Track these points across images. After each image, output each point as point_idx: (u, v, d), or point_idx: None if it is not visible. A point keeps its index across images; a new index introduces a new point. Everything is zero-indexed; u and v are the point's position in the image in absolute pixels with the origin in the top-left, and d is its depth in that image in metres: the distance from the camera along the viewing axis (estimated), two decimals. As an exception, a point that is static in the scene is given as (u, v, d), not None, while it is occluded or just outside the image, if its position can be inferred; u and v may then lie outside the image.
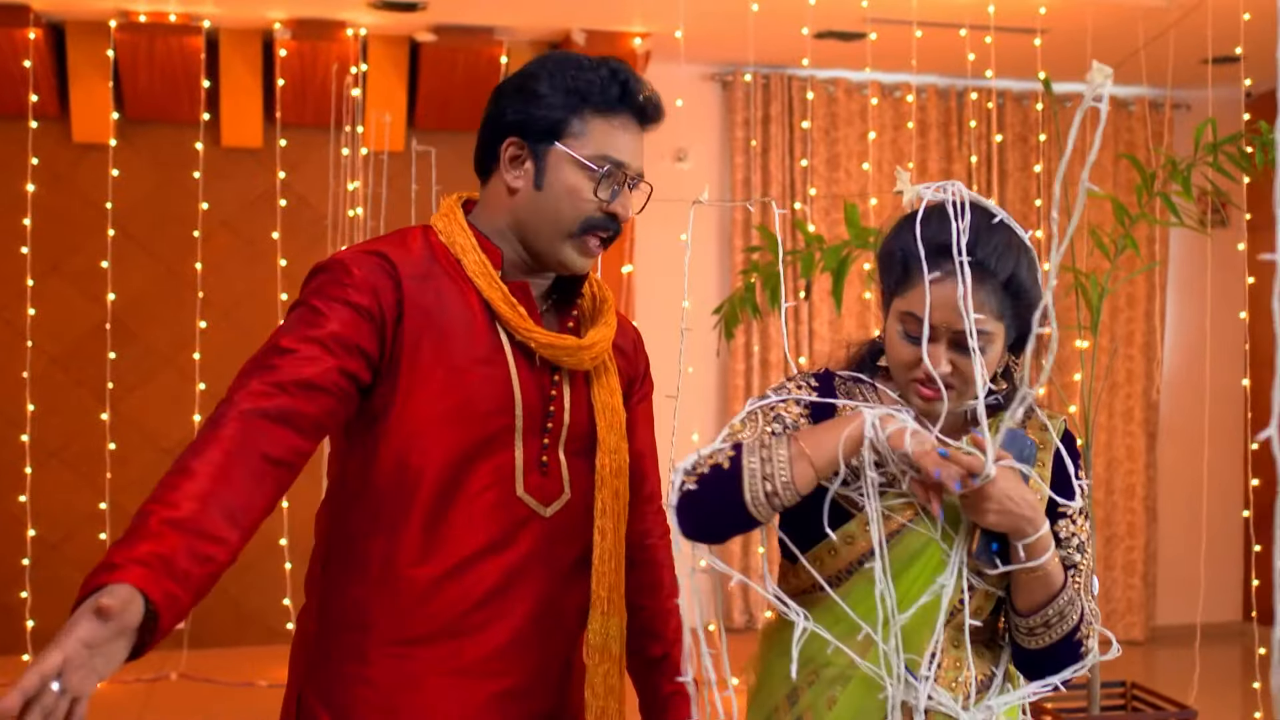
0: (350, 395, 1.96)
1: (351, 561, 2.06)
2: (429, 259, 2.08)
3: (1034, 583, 1.84)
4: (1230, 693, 6.59)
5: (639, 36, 6.79)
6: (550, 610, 2.12)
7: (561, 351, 2.10)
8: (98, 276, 6.68)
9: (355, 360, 1.95)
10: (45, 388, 6.82)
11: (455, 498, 2.03)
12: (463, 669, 2.05)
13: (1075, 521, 1.97)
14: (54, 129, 6.77)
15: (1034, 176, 7.64)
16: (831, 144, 7.56)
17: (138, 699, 6.10)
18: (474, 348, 2.05)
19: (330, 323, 1.94)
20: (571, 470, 2.14)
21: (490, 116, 2.13)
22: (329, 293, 1.97)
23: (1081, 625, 1.88)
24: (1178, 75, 6.64)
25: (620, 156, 2.08)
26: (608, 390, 2.20)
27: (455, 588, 2.03)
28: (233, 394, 1.86)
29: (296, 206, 6.92)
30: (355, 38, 6.65)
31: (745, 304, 4.96)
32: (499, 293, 2.06)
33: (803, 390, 2.04)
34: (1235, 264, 7.09)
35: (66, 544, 6.79)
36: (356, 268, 1.99)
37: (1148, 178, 4.16)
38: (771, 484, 1.82)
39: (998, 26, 6.26)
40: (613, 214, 2.09)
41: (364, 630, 2.04)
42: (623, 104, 2.09)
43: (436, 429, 2.02)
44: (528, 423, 2.08)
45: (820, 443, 1.83)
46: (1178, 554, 7.81)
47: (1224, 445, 7.65)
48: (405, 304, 2.01)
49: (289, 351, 1.90)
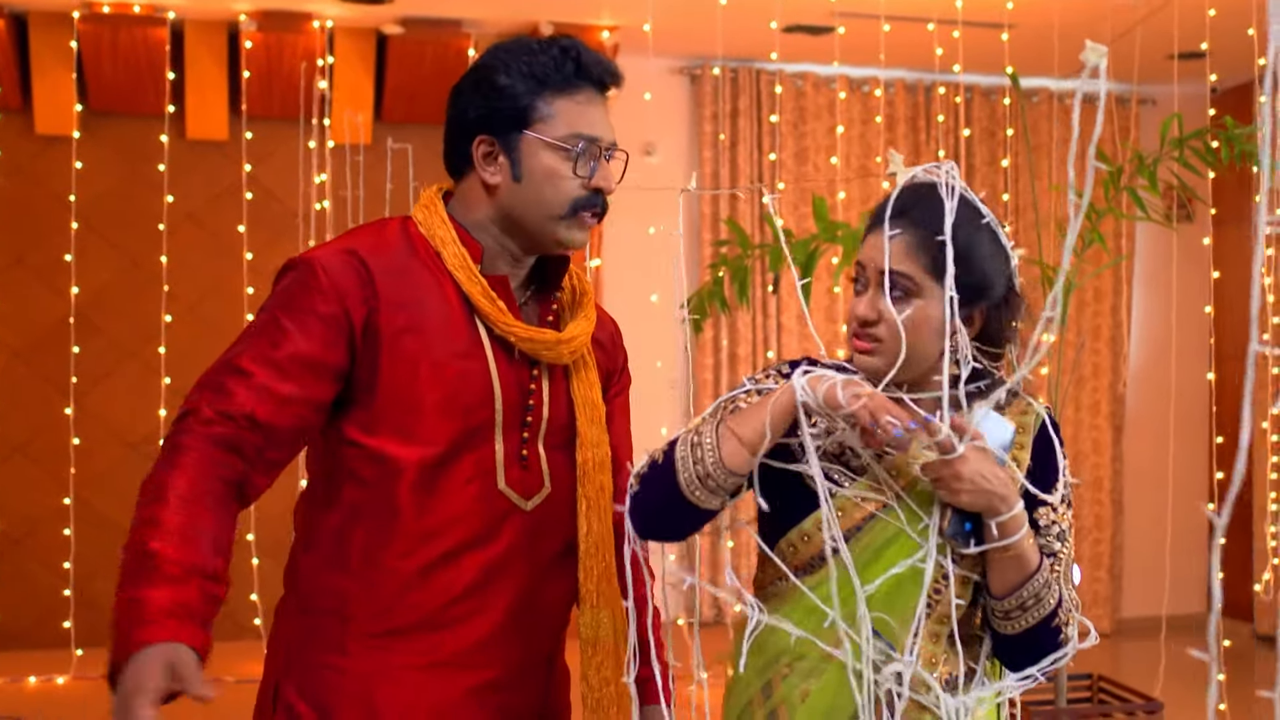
0: (309, 418, 1.99)
1: (333, 553, 2.06)
2: (407, 251, 2.07)
3: (1008, 563, 1.84)
4: (1196, 685, 6.63)
5: (607, 29, 6.78)
6: (531, 604, 2.12)
7: (541, 345, 2.09)
8: (61, 270, 6.63)
9: (315, 382, 1.97)
10: (8, 382, 6.76)
11: (437, 491, 2.03)
12: (442, 662, 2.05)
13: (1056, 509, 1.96)
14: (16, 121, 6.71)
15: (1001, 171, 7.66)
16: (800, 138, 7.57)
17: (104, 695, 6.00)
18: (453, 342, 2.05)
19: (292, 341, 1.95)
20: (551, 464, 2.14)
21: (454, 117, 2.13)
22: (296, 303, 1.98)
23: (1059, 611, 1.87)
24: (1144, 71, 6.67)
25: (591, 131, 2.08)
26: (587, 384, 2.20)
27: (436, 580, 2.03)
28: (188, 415, 1.92)
29: (263, 200, 6.87)
30: (322, 30, 6.62)
31: (713, 298, 4.95)
32: (478, 286, 2.06)
33: (770, 379, 2.02)
34: (1200, 259, 7.14)
35: (30, 539, 6.74)
36: (326, 271, 1.99)
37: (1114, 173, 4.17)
38: (702, 466, 1.84)
39: (965, 21, 6.27)
40: (597, 189, 2.09)
41: (344, 621, 2.05)
42: (580, 78, 2.09)
43: (417, 423, 2.02)
44: (507, 417, 2.08)
45: (747, 418, 1.85)
46: (1143, 547, 7.86)
47: (1189, 439, 7.69)
48: (380, 300, 2.00)
49: (246, 375, 1.93)
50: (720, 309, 5.00)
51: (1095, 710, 4.46)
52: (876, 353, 1.90)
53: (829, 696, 1.89)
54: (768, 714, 1.94)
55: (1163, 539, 6.72)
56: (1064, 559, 1.94)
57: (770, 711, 1.94)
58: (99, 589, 6.68)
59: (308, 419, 1.98)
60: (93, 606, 6.67)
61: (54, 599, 6.61)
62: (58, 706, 5.87)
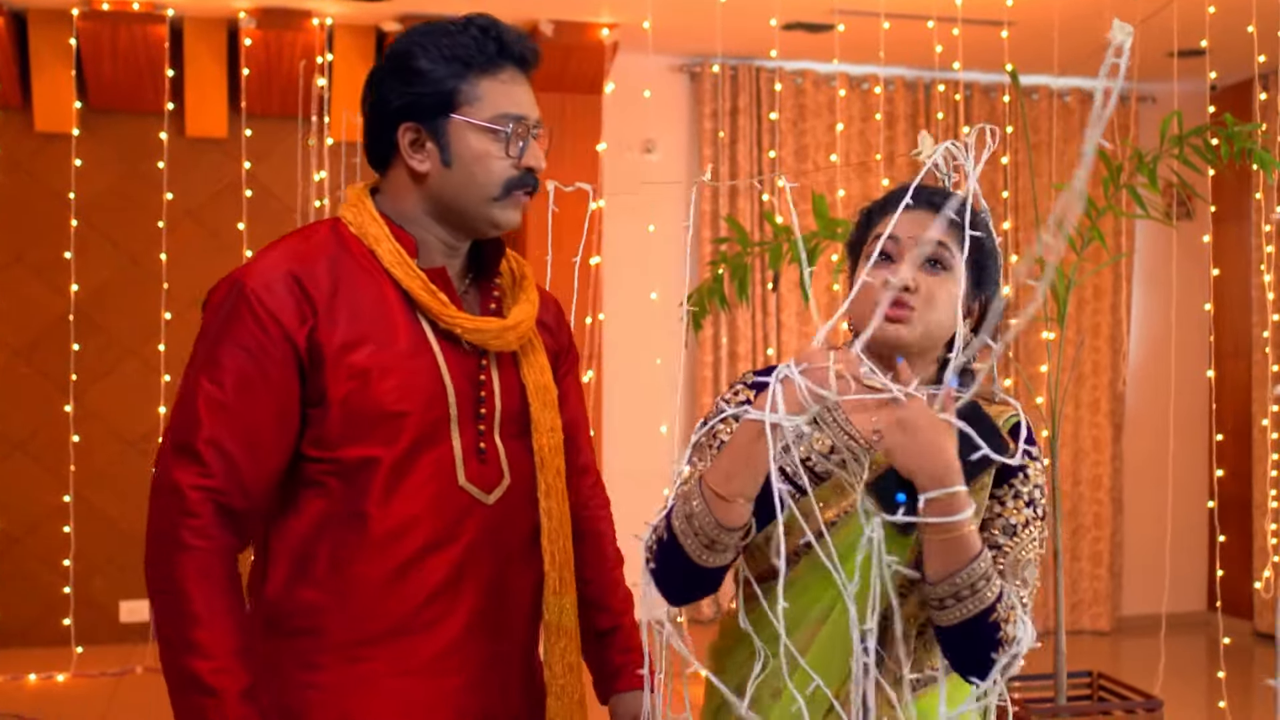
0: (282, 452, 1.98)
1: (298, 567, 2.02)
2: (340, 256, 2.03)
3: (942, 547, 1.76)
4: (1196, 682, 6.64)
5: (607, 27, 6.77)
6: (501, 597, 2.10)
7: (488, 334, 2.07)
8: (61, 267, 6.63)
9: (275, 417, 1.95)
10: (8, 380, 6.76)
11: (399, 494, 2.00)
12: (418, 668, 2.03)
13: (1005, 503, 1.92)
14: (16, 118, 6.71)
15: (1001, 168, 7.66)
16: (799, 135, 7.57)
17: (104, 692, 6.06)
18: (398, 343, 2.01)
19: (233, 374, 1.93)
20: (509, 454, 2.12)
21: (375, 106, 2.08)
22: (237, 334, 1.94)
23: (999, 606, 1.78)
24: (1143, 68, 6.66)
25: (518, 110, 2.06)
26: (537, 368, 2.17)
27: (405, 584, 2.01)
28: (174, 495, 1.91)
29: (262, 197, 6.87)
30: (321, 27, 6.61)
31: (713, 295, 4.95)
32: (418, 281, 2.03)
33: (739, 396, 2.05)
34: (1200, 256, 7.13)
35: (30, 537, 6.74)
36: (260, 298, 1.95)
37: (1114, 170, 4.17)
38: (705, 536, 1.83)
39: (965, 19, 6.27)
40: (528, 167, 2.07)
41: (316, 636, 2.01)
42: (503, 57, 2.06)
43: (374, 430, 1.99)
44: (462, 411, 2.06)
45: (728, 474, 1.81)
46: (1143, 544, 7.85)
47: (1189, 436, 7.70)
48: (318, 318, 1.97)
49: (212, 438, 1.91)
50: (720, 306, 5.00)
51: (1095, 708, 4.46)
52: (907, 321, 1.91)
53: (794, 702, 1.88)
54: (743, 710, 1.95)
55: (1163, 536, 6.72)
56: (1010, 555, 1.89)
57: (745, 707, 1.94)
58: (99, 587, 6.68)
59: (275, 456, 1.97)
60: (93, 604, 6.68)
61: (54, 596, 6.61)
62: (57, 704, 5.88)
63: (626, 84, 7.01)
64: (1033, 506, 1.93)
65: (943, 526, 1.74)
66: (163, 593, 1.91)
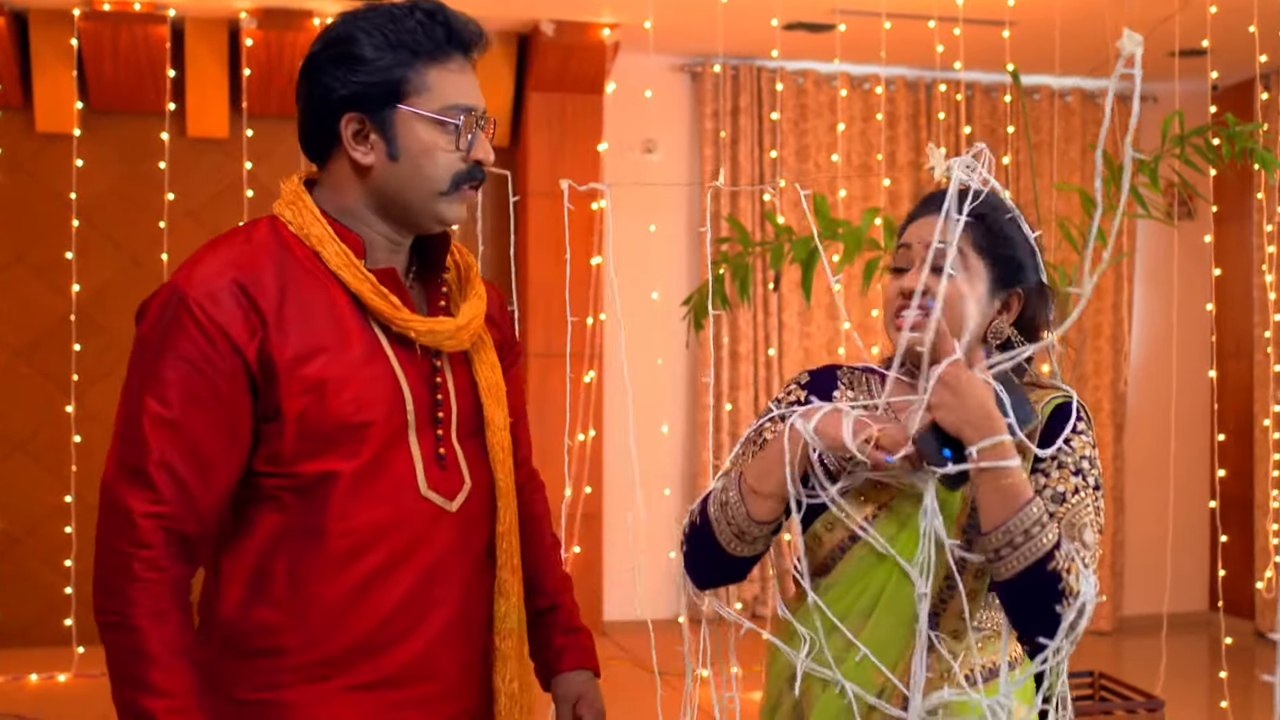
0: (234, 470, 1.87)
1: (254, 586, 1.92)
2: (285, 260, 1.91)
3: (994, 495, 1.80)
4: (1197, 682, 6.63)
5: (608, 27, 6.77)
6: (467, 606, 2.03)
7: (442, 335, 1.97)
8: (62, 268, 6.63)
9: (226, 436, 1.85)
10: (9, 380, 6.76)
11: (360, 507, 1.91)
12: (385, 680, 1.94)
13: (1049, 474, 1.94)
14: (17, 119, 6.71)
15: (1002, 169, 7.65)
16: (800, 135, 7.56)
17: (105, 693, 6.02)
18: (350, 350, 1.91)
19: (178, 390, 1.82)
20: (468, 456, 2.04)
21: (314, 95, 1.96)
22: (180, 347, 1.82)
23: (1057, 554, 1.80)
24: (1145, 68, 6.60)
25: (467, 100, 1.95)
26: (489, 365, 2.09)
27: (369, 600, 1.92)
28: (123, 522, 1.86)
29: (263, 198, 6.86)
30: (322, 27, 6.60)
31: (715, 296, 4.95)
32: (367, 284, 1.92)
33: (791, 396, 2.10)
34: (1201, 256, 7.13)
35: (31, 537, 6.74)
36: (203, 308, 1.83)
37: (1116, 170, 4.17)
38: (735, 525, 1.96)
39: (966, 19, 6.26)
40: (477, 161, 1.97)
41: (276, 656, 1.92)
42: (451, 44, 1.94)
43: (332, 443, 1.89)
44: (420, 417, 1.96)
45: (764, 474, 1.94)
46: (1145, 544, 7.85)
47: (1190, 437, 7.69)
48: (267, 328, 1.86)
49: (162, 467, 1.82)
50: (722, 306, 5.00)
51: (1096, 708, 4.45)
52: (926, 327, 1.91)
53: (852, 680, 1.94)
54: (794, 703, 2.01)
55: (1164, 536, 6.71)
56: (1063, 518, 1.91)
57: (795, 702, 2.01)
58: (100, 587, 6.68)
59: (227, 475, 1.87)
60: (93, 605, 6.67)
61: (55, 597, 6.61)
62: (58, 704, 5.87)
63: (627, 84, 7.01)
64: (1081, 475, 1.95)
65: (994, 474, 1.79)
66: (115, 627, 1.85)
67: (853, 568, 1.96)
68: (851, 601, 1.96)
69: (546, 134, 7.03)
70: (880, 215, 4.53)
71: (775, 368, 7.43)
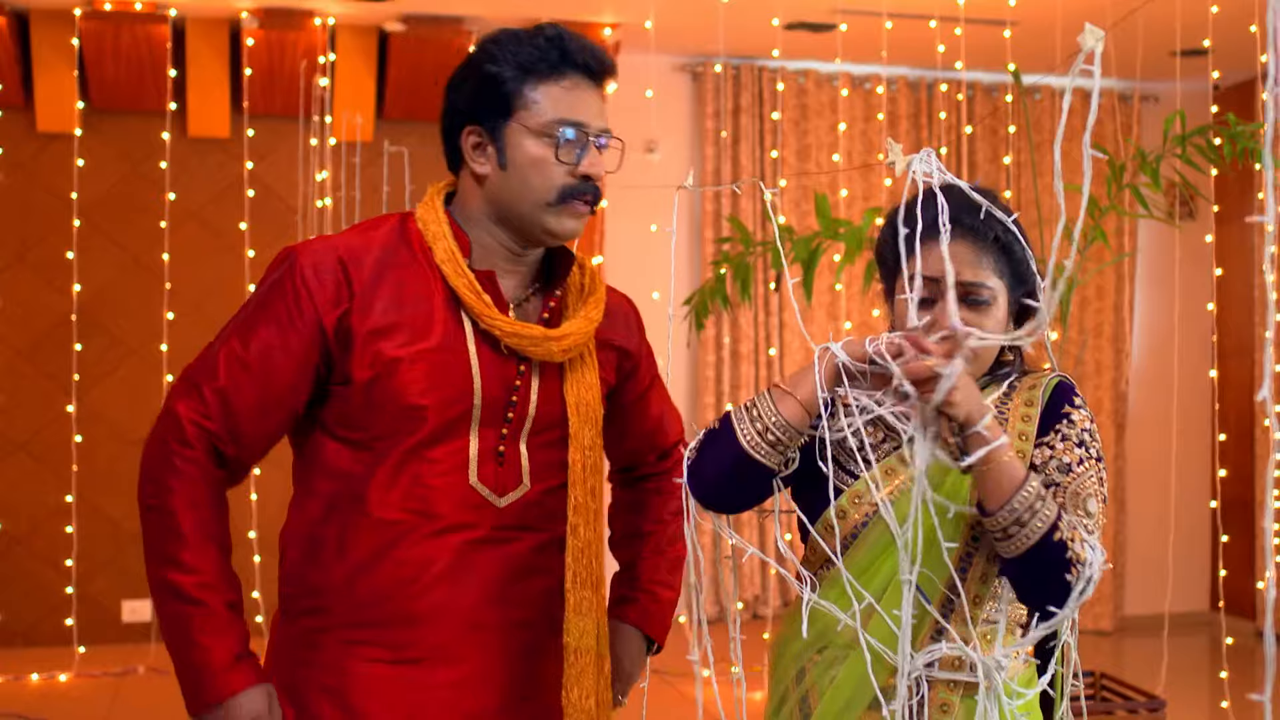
0: (278, 417, 2.06)
1: (309, 550, 2.08)
2: (396, 248, 2.08)
3: (994, 475, 1.82)
4: (1198, 682, 6.63)
5: (609, 27, 6.77)
6: (507, 601, 2.10)
7: (527, 341, 2.08)
8: (63, 267, 6.63)
9: (283, 384, 2.03)
10: (11, 380, 6.76)
11: (410, 483, 2.04)
12: (411, 658, 2.05)
13: (1054, 447, 1.98)
14: (18, 118, 6.71)
15: (1003, 168, 7.66)
16: (802, 135, 7.56)
17: (106, 692, 6.06)
18: (432, 336, 2.05)
19: (261, 342, 2.02)
20: (534, 462, 2.13)
21: (445, 111, 2.14)
22: (272, 304, 2.04)
23: (1061, 525, 1.83)
24: (1146, 67, 6.66)
25: (575, 116, 2.07)
26: (584, 385, 2.18)
27: (408, 573, 2.04)
28: (172, 423, 2.02)
29: (265, 197, 6.87)
30: (324, 27, 6.61)
31: (715, 295, 4.95)
32: (464, 280, 2.06)
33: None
34: (1203, 256, 7.13)
35: (33, 537, 6.74)
36: (304, 276, 2.03)
37: (1116, 169, 4.17)
38: (761, 423, 1.93)
39: (968, 18, 6.26)
40: (585, 176, 2.07)
41: (317, 615, 2.07)
42: (566, 64, 2.08)
43: (393, 418, 2.03)
44: (486, 412, 2.07)
45: (799, 380, 1.93)
46: (1146, 544, 7.85)
47: (1192, 436, 7.69)
48: (355, 301, 2.03)
49: (217, 381, 2.01)
50: (722, 306, 5.00)
51: (1098, 707, 4.45)
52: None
53: (853, 681, 1.96)
54: (800, 698, 2.02)
55: (1165, 536, 6.71)
56: (1069, 487, 1.95)
57: (802, 696, 2.01)
58: (101, 587, 6.68)
59: (276, 418, 2.05)
60: (95, 604, 6.68)
61: (56, 596, 6.61)
62: (60, 704, 5.87)
63: (628, 84, 7.00)
64: (1084, 447, 1.99)
65: (991, 455, 1.81)
66: (152, 509, 2.01)
67: (864, 553, 1.97)
68: (865, 584, 1.96)
69: (547, 134, 7.02)
70: (881, 215, 4.53)
71: (776, 367, 7.43)
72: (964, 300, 1.95)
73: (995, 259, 1.98)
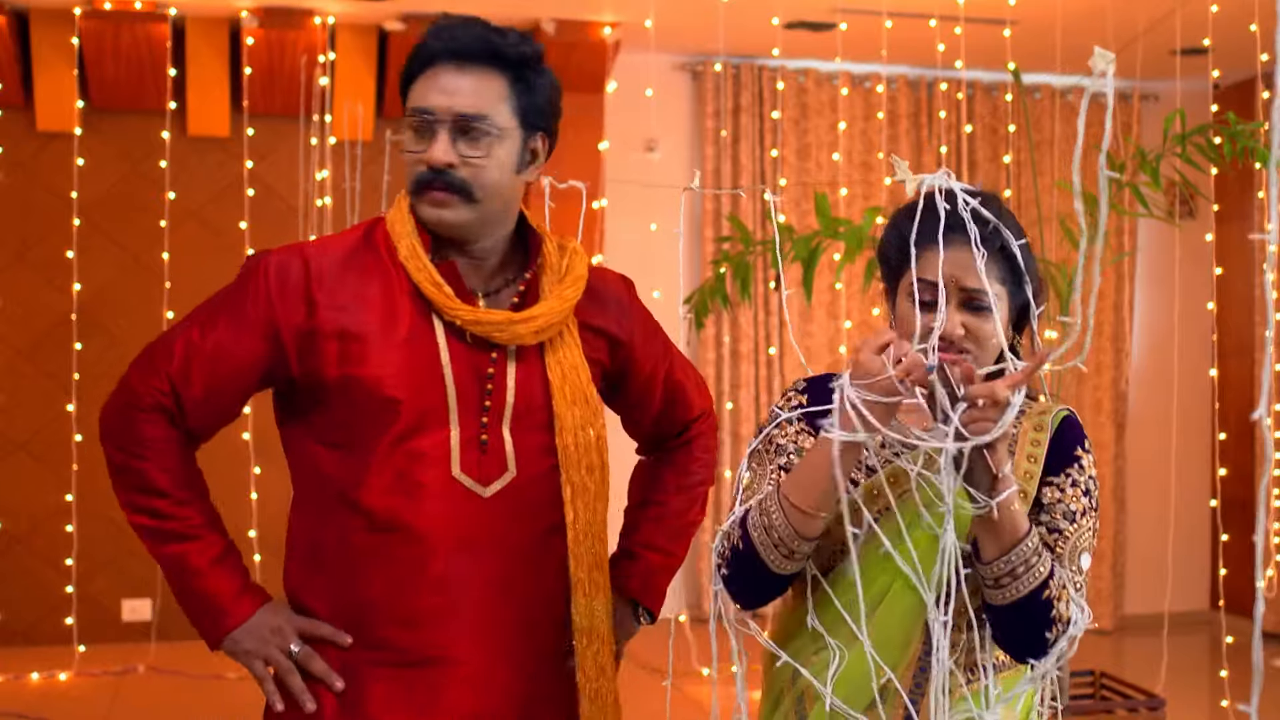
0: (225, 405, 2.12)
1: (308, 555, 2.10)
2: (361, 250, 2.11)
3: (997, 526, 1.81)
4: (1198, 681, 6.63)
5: (609, 26, 6.77)
6: (509, 592, 2.09)
7: (491, 327, 2.07)
8: (63, 267, 6.63)
9: (231, 377, 2.08)
10: (11, 379, 6.76)
11: (396, 482, 2.04)
12: (419, 660, 2.05)
13: (1063, 490, 1.98)
14: (18, 118, 6.70)
15: (1003, 167, 7.66)
16: (802, 134, 7.56)
17: (106, 691, 6.06)
18: (398, 332, 2.05)
19: (217, 336, 2.07)
20: (520, 448, 2.10)
21: None
22: (233, 301, 2.09)
23: (1051, 583, 1.84)
24: (1146, 67, 6.66)
25: (424, 104, 2.06)
26: (567, 365, 2.14)
27: (403, 574, 2.03)
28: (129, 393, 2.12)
29: (265, 196, 6.87)
30: (323, 26, 6.61)
31: (715, 294, 4.95)
32: (425, 274, 2.06)
33: (791, 403, 2.08)
34: (1203, 255, 7.13)
35: (33, 536, 6.74)
36: (268, 277, 2.07)
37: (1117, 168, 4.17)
38: (785, 547, 1.89)
39: (968, 18, 6.26)
40: (428, 163, 2.05)
41: (317, 618, 2.09)
42: (428, 52, 2.09)
43: (369, 416, 2.04)
44: (462, 401, 2.06)
45: (805, 488, 1.86)
46: (1146, 543, 7.85)
47: (1192, 435, 7.69)
48: (319, 303, 2.05)
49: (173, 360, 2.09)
50: (722, 305, 5.00)
51: (1098, 706, 4.46)
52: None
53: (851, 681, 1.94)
54: (796, 698, 2.01)
55: (1165, 535, 6.72)
56: (1071, 538, 1.95)
57: (798, 696, 2.00)
58: (101, 586, 6.68)
59: (219, 406, 2.12)
60: (95, 603, 6.68)
61: (56, 596, 6.61)
62: (59, 703, 5.87)
63: (628, 83, 7.01)
64: (1089, 496, 1.99)
65: (1001, 504, 1.80)
66: (123, 470, 2.12)
67: (863, 563, 1.94)
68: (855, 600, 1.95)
69: (548, 133, 7.02)
70: (881, 214, 4.53)
71: (776, 367, 7.43)
72: (966, 306, 1.93)
73: (998, 264, 1.96)
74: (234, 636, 2.08)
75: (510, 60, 2.10)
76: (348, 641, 2.05)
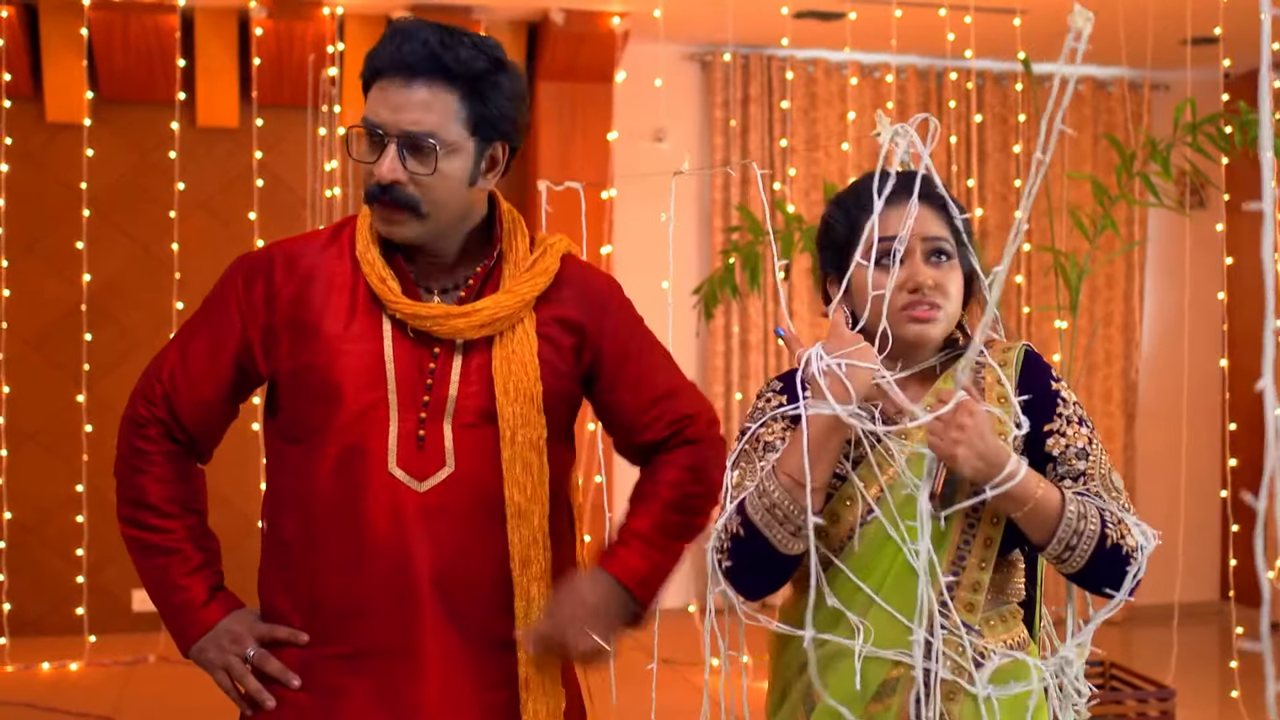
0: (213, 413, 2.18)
1: (273, 553, 2.16)
2: (329, 245, 2.15)
3: (1032, 516, 1.85)
4: (1208, 672, 6.63)
5: (618, 16, 6.76)
6: (450, 583, 2.06)
7: (429, 321, 2.06)
8: (73, 258, 6.63)
9: (215, 383, 2.15)
10: (20, 370, 6.77)
11: (341, 479, 2.06)
12: (353, 653, 2.06)
13: (1064, 434, 1.98)
14: (27, 109, 6.71)
15: (1013, 157, 7.64)
16: (811, 124, 7.55)
17: (117, 681, 6.08)
18: (347, 327, 2.08)
19: (197, 345, 2.16)
20: (460, 443, 2.07)
21: None
22: (211, 312, 2.18)
23: (1109, 530, 1.88)
24: (1157, 56, 6.64)
25: (373, 118, 2.04)
26: (515, 360, 2.10)
27: (348, 569, 2.06)
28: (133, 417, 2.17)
29: (274, 187, 6.87)
30: (332, 17, 6.61)
31: (724, 284, 4.95)
32: (373, 269, 2.08)
33: (771, 403, 2.07)
34: (1213, 245, 7.10)
35: (43, 527, 6.75)
36: (237, 284, 2.15)
37: (1127, 158, 4.16)
38: (792, 524, 1.88)
39: (977, 7, 6.24)
40: (377, 179, 2.03)
41: (277, 618, 2.13)
42: (378, 64, 2.06)
43: (320, 413, 2.07)
44: (402, 397, 2.06)
45: (808, 465, 1.86)
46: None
47: (1202, 426, 7.67)
48: (279, 300, 2.11)
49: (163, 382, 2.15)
50: (731, 295, 5.00)
51: (1108, 697, 4.45)
52: (933, 320, 1.97)
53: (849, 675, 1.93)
54: (804, 691, 2.01)
55: (1175, 526, 6.70)
56: (1094, 475, 1.97)
57: (805, 689, 2.00)
58: (111, 576, 6.70)
59: (209, 415, 2.17)
60: (105, 593, 6.69)
61: (67, 586, 6.63)
62: (70, 693, 5.89)
63: (637, 73, 7.00)
64: (1084, 423, 2.01)
65: (1020, 500, 1.83)
66: (122, 483, 2.17)
67: (863, 548, 1.95)
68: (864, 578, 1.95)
69: (556, 123, 7.02)
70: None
71: (785, 356, 7.43)
72: (931, 256, 1.97)
73: (949, 226, 1.99)
74: (199, 645, 2.14)
75: (459, 75, 2.04)
76: (304, 640, 2.08)
